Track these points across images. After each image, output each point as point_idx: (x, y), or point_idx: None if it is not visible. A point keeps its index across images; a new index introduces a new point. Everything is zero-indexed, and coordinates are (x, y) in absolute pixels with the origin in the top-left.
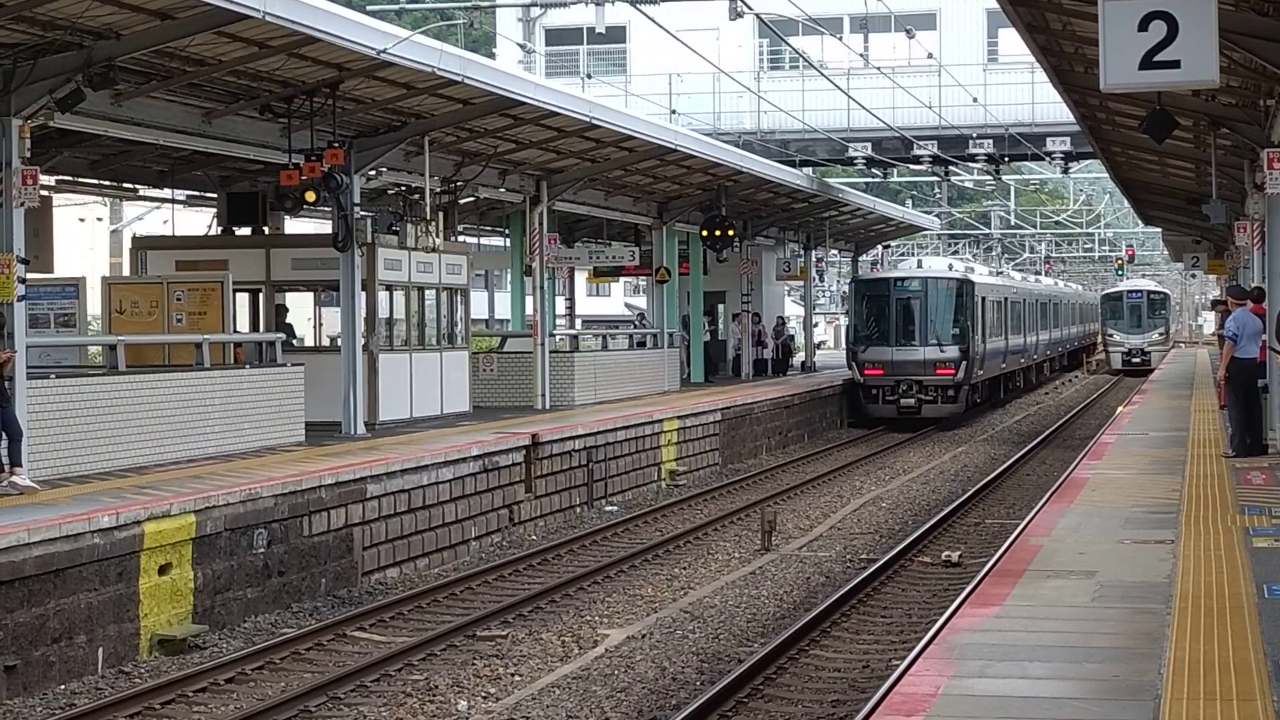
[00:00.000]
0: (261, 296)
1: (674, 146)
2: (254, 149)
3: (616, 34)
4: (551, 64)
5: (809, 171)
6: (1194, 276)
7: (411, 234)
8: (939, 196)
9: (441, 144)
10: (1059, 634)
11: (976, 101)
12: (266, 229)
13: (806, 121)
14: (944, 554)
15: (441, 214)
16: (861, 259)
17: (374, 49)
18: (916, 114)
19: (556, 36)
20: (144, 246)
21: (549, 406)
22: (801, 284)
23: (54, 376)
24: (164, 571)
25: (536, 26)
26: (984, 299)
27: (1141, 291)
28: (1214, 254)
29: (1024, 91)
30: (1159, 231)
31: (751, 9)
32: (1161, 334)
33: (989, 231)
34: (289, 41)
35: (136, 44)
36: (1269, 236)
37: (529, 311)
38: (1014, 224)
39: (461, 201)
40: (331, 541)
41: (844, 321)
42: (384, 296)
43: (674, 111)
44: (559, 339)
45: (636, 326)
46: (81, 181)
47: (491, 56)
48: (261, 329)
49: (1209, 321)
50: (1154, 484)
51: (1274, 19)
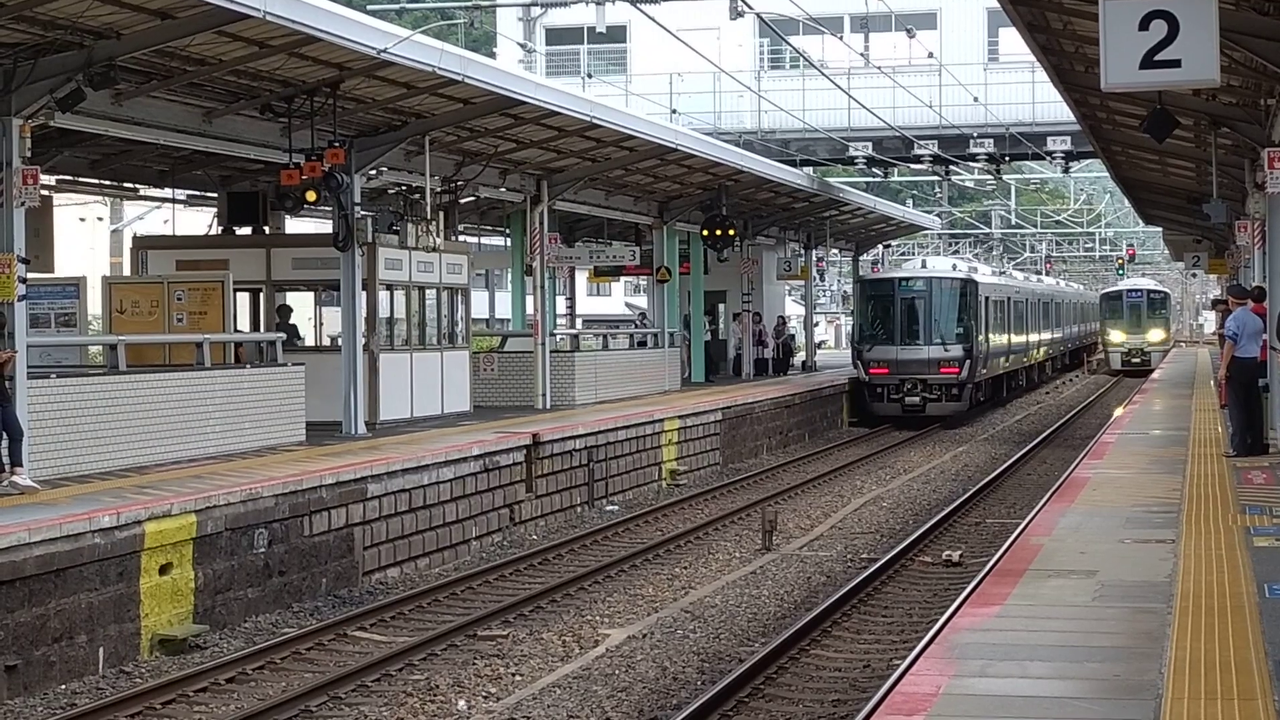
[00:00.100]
0: (262, 296)
1: (674, 146)
2: (254, 148)
3: (617, 33)
4: (552, 63)
5: (809, 171)
6: (1194, 276)
7: (412, 233)
8: (939, 196)
9: (442, 143)
10: (1060, 633)
11: (977, 101)
12: (267, 229)
13: (807, 121)
14: (945, 553)
15: (442, 213)
16: (862, 258)
17: (374, 48)
18: (917, 113)
19: (557, 36)
20: (144, 246)
21: (549, 406)
22: (802, 283)
23: (54, 376)
24: (165, 571)
25: (537, 26)
26: (987, 299)
27: (1141, 291)
28: (1214, 253)
29: (1024, 91)
30: (1159, 231)
31: (752, 8)
32: (1162, 334)
33: (989, 231)
34: (289, 41)
35: (137, 43)
36: (1269, 236)
37: (529, 311)
38: (1014, 223)
39: (462, 201)
40: (332, 541)
41: (844, 321)
42: (384, 296)
43: (674, 111)
44: (559, 339)
45: (637, 326)
46: (82, 181)
47: (492, 56)
48: (262, 329)
49: (1209, 321)
50: (1155, 483)
51: (1274, 18)
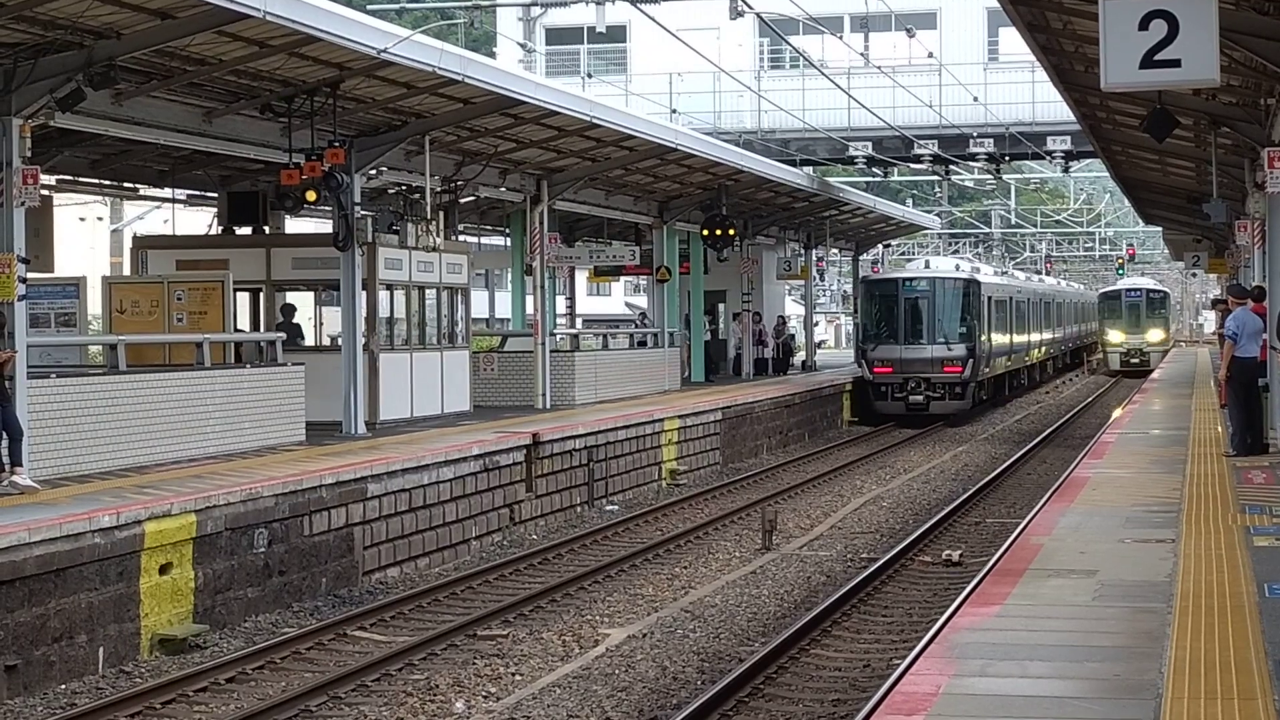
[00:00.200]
0: (262, 296)
1: (674, 146)
2: (254, 148)
3: (617, 33)
4: (552, 63)
5: (809, 171)
6: (1194, 275)
7: (412, 233)
8: (939, 196)
9: (442, 143)
10: (1060, 633)
11: (977, 100)
12: (267, 228)
13: (807, 121)
14: (945, 553)
15: (442, 213)
16: (862, 258)
17: (374, 48)
18: (917, 113)
19: (557, 36)
20: (145, 246)
21: (549, 406)
22: (802, 283)
23: (54, 376)
24: (165, 571)
25: (537, 26)
26: (990, 298)
27: (1140, 290)
28: (1214, 253)
29: (1024, 90)
30: (1159, 230)
31: (752, 8)
32: (1161, 334)
33: (989, 231)
34: (289, 41)
35: (137, 43)
36: (1269, 235)
37: (529, 311)
38: (1014, 223)
39: (462, 201)
40: (332, 541)
41: (844, 321)
42: (384, 296)
43: (674, 111)
44: (559, 338)
45: (638, 326)
46: (82, 181)
47: (492, 56)
48: (262, 329)
49: (1209, 321)
50: (1155, 483)
51: (1274, 18)
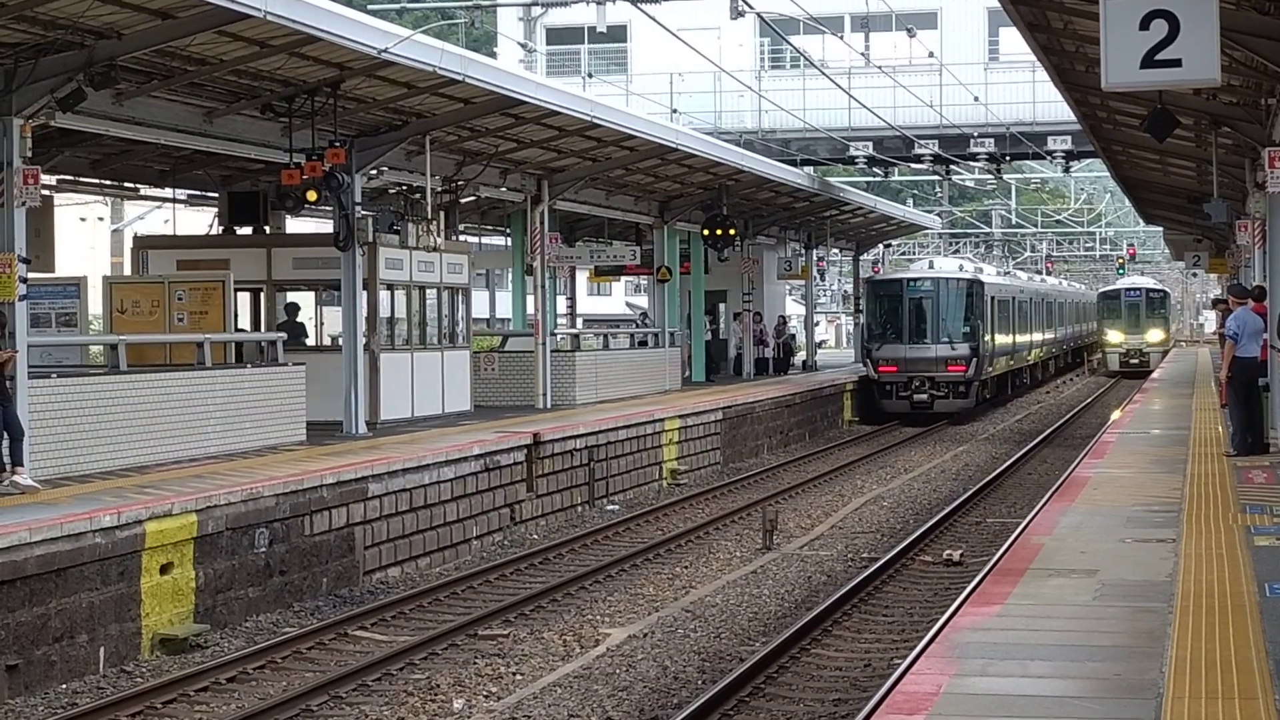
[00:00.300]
0: (263, 296)
1: (675, 146)
2: (255, 148)
3: (617, 33)
4: (552, 63)
5: (810, 171)
6: (1195, 275)
7: (413, 233)
8: (940, 195)
9: (443, 143)
10: (1060, 633)
11: (977, 100)
12: (268, 228)
13: (807, 121)
14: (945, 553)
15: (443, 213)
16: (863, 258)
17: (375, 48)
18: (917, 113)
19: (557, 36)
20: (145, 246)
21: (550, 406)
22: (803, 283)
23: (55, 376)
24: (165, 571)
25: (537, 26)
26: (993, 298)
27: (1140, 289)
28: (1215, 253)
29: (1025, 90)
30: (1160, 230)
31: (752, 8)
32: (1161, 334)
33: (990, 230)
34: (290, 41)
35: (138, 43)
36: (1270, 235)
37: (530, 311)
38: (1015, 223)
39: (463, 201)
40: (333, 541)
41: (845, 320)
42: (385, 296)
43: (675, 111)
44: (560, 338)
45: (639, 325)
46: (83, 181)
47: (493, 56)
48: (263, 328)
49: (1210, 320)
50: (1155, 483)
51: (1275, 17)
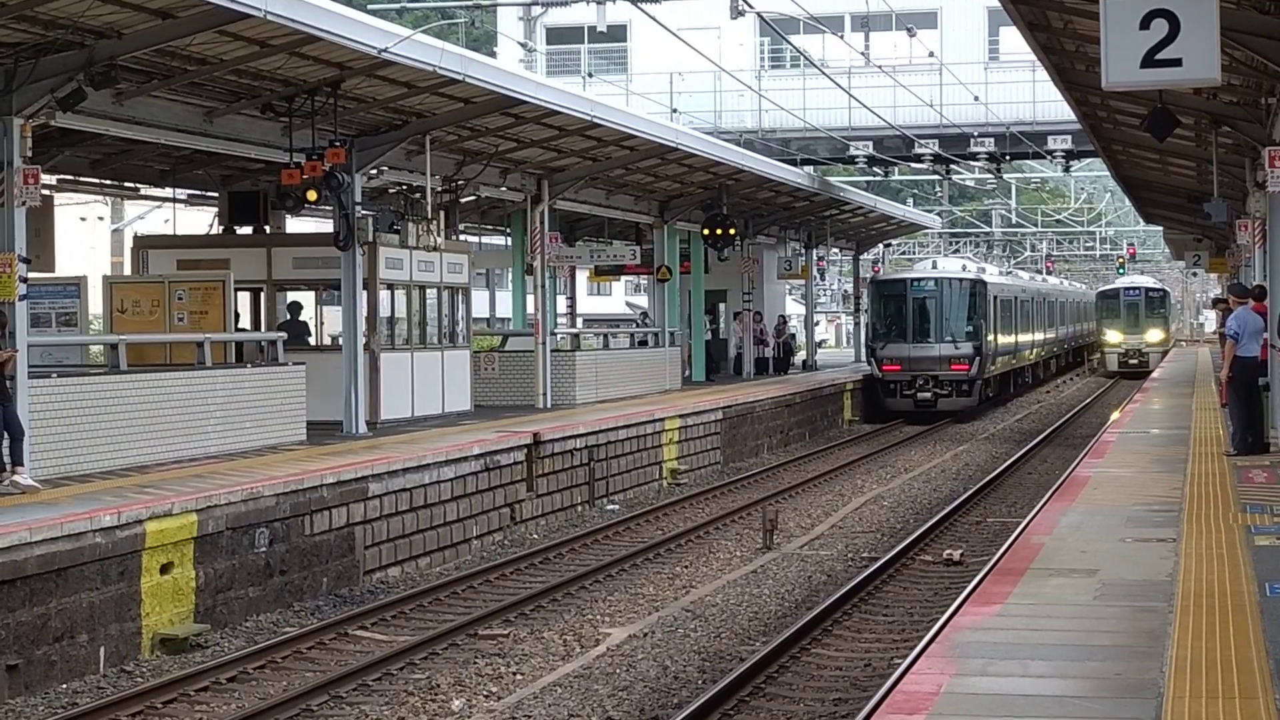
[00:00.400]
0: (263, 295)
1: (675, 145)
2: (255, 148)
3: (617, 33)
4: (552, 63)
5: (810, 170)
6: (1195, 275)
7: (413, 233)
8: (940, 195)
9: (443, 143)
10: (1061, 632)
11: (978, 100)
12: (268, 228)
13: (808, 120)
14: (945, 552)
15: (443, 213)
16: (863, 258)
17: (375, 48)
18: (918, 112)
19: (557, 35)
20: (145, 245)
21: (550, 405)
22: (803, 282)
23: (55, 376)
24: (166, 570)
25: (537, 25)
26: (995, 298)
27: (1139, 289)
28: (1215, 252)
29: (1025, 90)
30: (1160, 230)
31: (753, 7)
32: (1161, 334)
33: (990, 230)
34: (290, 40)
35: (138, 43)
36: (1270, 235)
37: (530, 310)
38: (1015, 222)
39: (463, 200)
40: (333, 540)
41: (845, 320)
42: (385, 295)
43: (675, 110)
44: (560, 338)
45: (639, 325)
46: (83, 181)
47: (493, 55)
48: (263, 328)
49: (1210, 320)
50: (1155, 482)
51: (1275, 17)
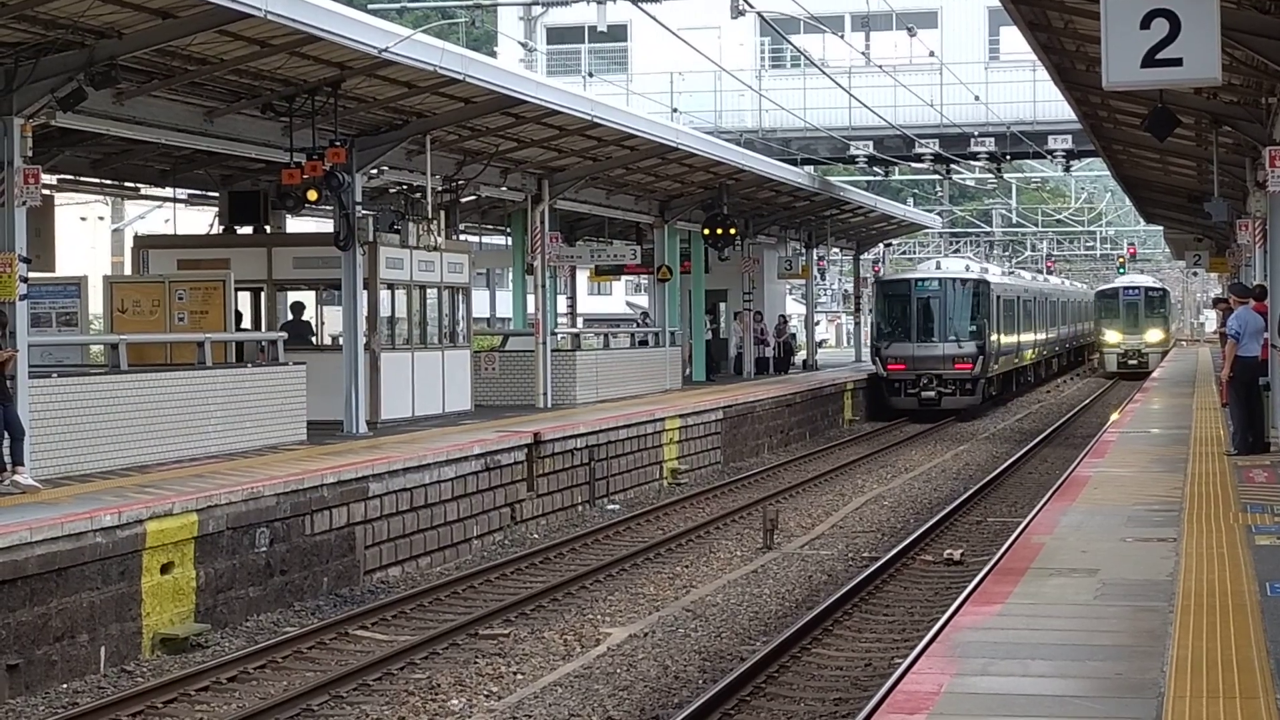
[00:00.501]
0: (263, 295)
1: (675, 145)
2: (256, 148)
3: (618, 32)
4: (553, 63)
5: (810, 170)
6: (1195, 274)
7: (413, 232)
8: (940, 195)
9: (443, 142)
10: (1061, 632)
11: (978, 99)
12: (268, 228)
13: (808, 120)
14: (946, 552)
15: (443, 212)
16: (863, 257)
17: (375, 48)
18: (918, 112)
19: (558, 35)
20: (146, 245)
21: (551, 405)
22: (803, 282)
23: (56, 375)
24: (166, 570)
25: (538, 25)
26: (998, 298)
27: (1139, 288)
28: (1215, 252)
29: (1025, 89)
30: (1161, 229)
31: (753, 7)
32: (1160, 334)
33: (990, 230)
34: (291, 40)
35: (138, 43)
36: (1271, 234)
37: (531, 310)
38: (1016, 222)
39: (463, 200)
40: (333, 540)
41: (845, 320)
42: (386, 295)
43: (675, 110)
44: (560, 337)
45: (639, 325)
46: (83, 180)
47: (493, 55)
48: (263, 328)
49: (1210, 320)
50: (1156, 482)
51: (1276, 16)
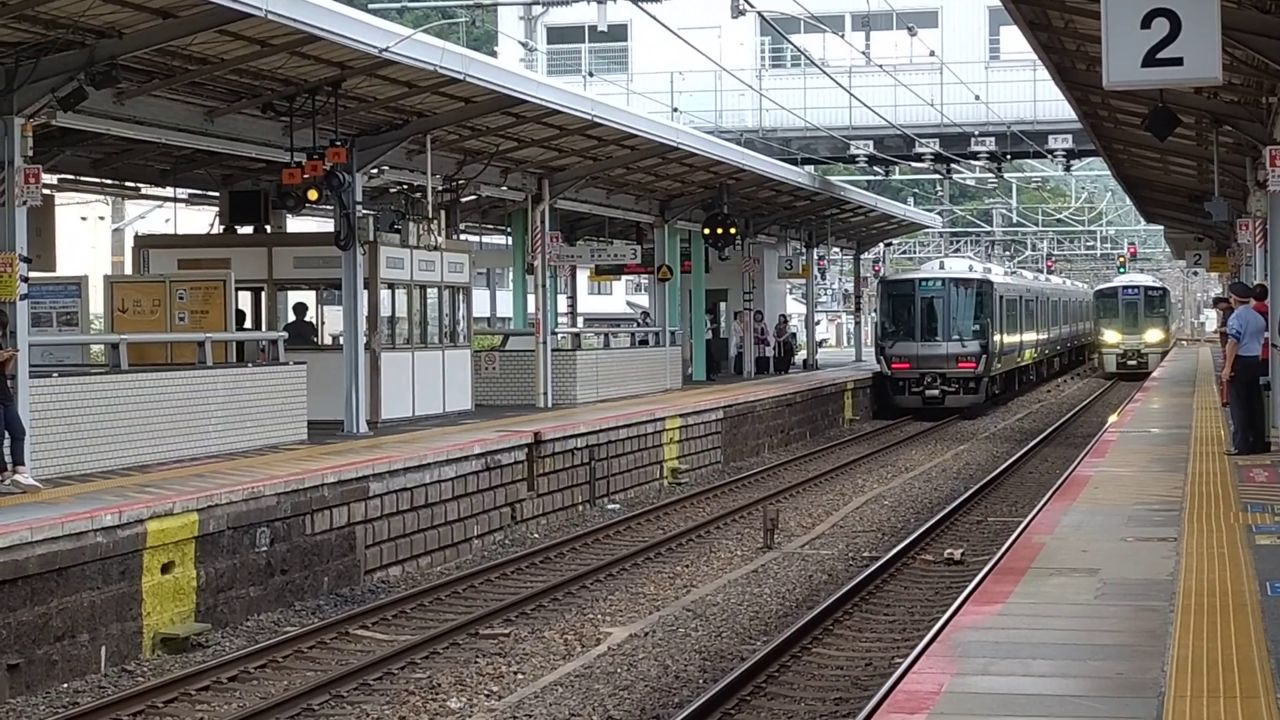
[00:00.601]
0: (264, 295)
1: (676, 145)
2: (256, 147)
3: (618, 32)
4: (553, 62)
5: (811, 169)
6: (1196, 274)
7: (413, 232)
8: (941, 194)
9: (443, 142)
10: (1062, 631)
11: (978, 99)
12: (269, 227)
13: (808, 119)
14: (946, 552)
15: (443, 212)
16: (863, 257)
17: (376, 47)
18: (918, 112)
19: (558, 35)
20: (146, 245)
21: (551, 405)
22: (803, 282)
23: (56, 375)
24: (167, 570)
25: (538, 25)
26: (1001, 297)
27: (1138, 287)
28: (1216, 251)
29: (1026, 89)
30: (1161, 229)
31: (753, 6)
32: (1160, 334)
33: (991, 229)
34: (291, 40)
35: (139, 42)
36: (1271, 234)
37: (531, 310)
38: (1016, 222)
39: (463, 200)
40: (334, 540)
41: (846, 320)
42: (386, 295)
43: (676, 110)
44: (561, 337)
45: (639, 324)
46: (84, 180)
47: (493, 55)
48: (263, 327)
49: (1211, 319)
50: (1156, 481)
51: (1276, 16)
